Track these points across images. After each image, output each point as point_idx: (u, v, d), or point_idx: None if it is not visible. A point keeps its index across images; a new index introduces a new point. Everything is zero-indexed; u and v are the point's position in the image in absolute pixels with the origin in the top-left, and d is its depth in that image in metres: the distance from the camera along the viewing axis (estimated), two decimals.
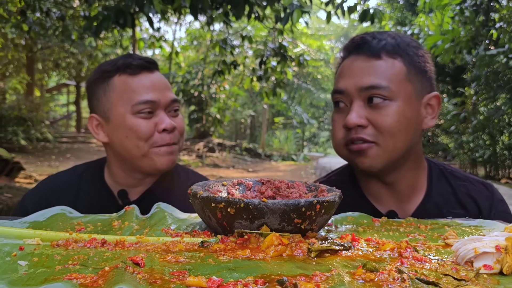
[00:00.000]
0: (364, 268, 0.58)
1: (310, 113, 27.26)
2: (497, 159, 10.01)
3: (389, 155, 1.10)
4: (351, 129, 1.10)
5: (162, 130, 1.23)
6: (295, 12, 3.98)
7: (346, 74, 1.14)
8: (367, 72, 1.10)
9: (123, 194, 1.30)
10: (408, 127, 1.10)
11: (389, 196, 1.20)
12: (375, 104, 1.09)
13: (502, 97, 9.24)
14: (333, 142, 1.19)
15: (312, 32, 24.93)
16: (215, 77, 6.22)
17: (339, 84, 1.15)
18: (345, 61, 1.17)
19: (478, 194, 1.22)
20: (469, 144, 10.53)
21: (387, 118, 1.08)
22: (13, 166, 6.96)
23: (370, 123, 1.09)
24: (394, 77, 1.09)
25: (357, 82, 1.10)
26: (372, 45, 1.12)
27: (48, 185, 1.36)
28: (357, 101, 1.10)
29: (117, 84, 1.24)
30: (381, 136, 1.08)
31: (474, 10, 8.12)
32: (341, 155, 1.17)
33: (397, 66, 1.10)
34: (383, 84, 1.08)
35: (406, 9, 16.12)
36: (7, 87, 16.65)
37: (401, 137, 1.09)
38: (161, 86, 1.26)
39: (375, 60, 1.10)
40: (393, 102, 1.08)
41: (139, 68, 1.24)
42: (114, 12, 3.52)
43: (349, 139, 1.11)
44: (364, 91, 1.09)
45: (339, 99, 1.15)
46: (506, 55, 7.75)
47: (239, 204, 0.71)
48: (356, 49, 1.14)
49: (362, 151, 1.09)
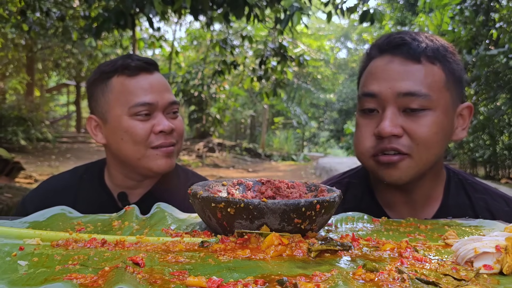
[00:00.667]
0: (364, 268, 0.58)
1: (310, 113, 27.26)
2: (497, 159, 10.01)
3: (421, 168, 1.03)
4: (384, 138, 1.01)
5: (159, 132, 1.21)
6: (295, 15, 3.98)
7: (381, 77, 1.03)
8: (405, 76, 1.01)
9: (123, 196, 1.30)
10: (444, 139, 1.04)
11: (403, 204, 1.15)
12: (412, 113, 1.00)
13: (502, 97, 9.24)
14: (358, 150, 1.09)
15: (312, 31, 24.93)
16: (215, 77, 6.22)
17: (371, 87, 1.04)
18: (376, 60, 1.07)
19: (498, 209, 1.14)
20: (469, 144, 10.53)
21: (425, 128, 1.00)
22: (13, 166, 6.96)
23: (406, 133, 1.00)
24: (434, 85, 1.01)
25: (393, 86, 1.00)
26: (413, 47, 1.02)
27: (48, 187, 1.36)
28: (392, 107, 1.01)
29: (115, 85, 1.23)
30: (416, 147, 1.00)
31: (474, 10, 8.12)
32: (366, 165, 1.09)
33: (436, 72, 1.02)
34: (423, 92, 0.99)
35: (406, 9, 16.12)
36: (7, 87, 16.65)
37: (435, 150, 1.03)
38: (160, 88, 1.24)
39: (414, 64, 1.01)
40: (431, 112, 1.01)
41: (137, 70, 1.23)
42: (114, 14, 3.52)
43: (379, 149, 1.02)
44: (401, 97, 1.00)
45: (370, 104, 1.04)
46: (506, 55, 7.75)
47: (239, 204, 0.71)
48: (392, 49, 1.04)
49: (392, 163, 1.01)
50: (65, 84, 23.20)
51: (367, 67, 1.10)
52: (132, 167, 1.26)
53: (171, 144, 1.24)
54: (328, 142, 30.78)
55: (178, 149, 1.29)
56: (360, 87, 1.10)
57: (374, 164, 1.05)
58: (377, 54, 1.08)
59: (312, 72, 24.71)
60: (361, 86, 1.10)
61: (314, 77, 25.37)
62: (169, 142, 1.24)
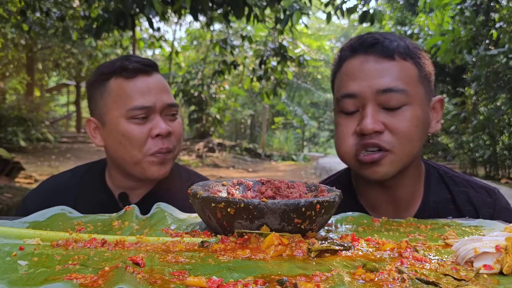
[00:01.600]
0: (364, 268, 0.58)
1: (310, 113, 27.26)
2: (497, 159, 10.01)
3: (404, 162, 1.05)
4: (365, 135, 1.03)
5: (156, 135, 1.20)
6: (295, 14, 3.98)
7: (358, 76, 1.05)
8: (382, 73, 1.03)
9: (123, 197, 1.29)
10: (422, 132, 1.06)
11: (387, 203, 1.16)
12: (392, 108, 1.02)
13: (502, 97, 9.24)
14: (340, 150, 1.10)
15: (312, 31, 24.94)
16: (215, 77, 6.22)
17: (350, 87, 1.05)
18: (349, 61, 1.08)
19: (480, 201, 1.16)
20: (469, 144, 10.53)
21: (405, 123, 1.02)
22: (13, 166, 6.96)
23: (387, 129, 1.02)
24: (409, 79, 1.04)
25: (372, 84, 1.02)
26: (385, 45, 1.05)
27: (49, 186, 1.35)
28: (372, 105, 1.02)
29: (113, 87, 1.22)
30: (397, 142, 1.02)
31: (474, 10, 8.12)
32: (349, 164, 1.10)
33: (410, 68, 1.05)
34: (400, 87, 1.02)
35: (406, 9, 16.12)
36: (7, 87, 16.65)
37: (416, 143, 1.05)
38: (158, 90, 1.23)
39: (388, 61, 1.04)
40: (409, 106, 1.03)
41: (135, 72, 1.21)
42: (114, 15, 3.52)
43: (362, 145, 1.03)
44: (381, 94, 1.02)
45: (351, 106, 1.06)
46: (506, 55, 7.75)
47: (239, 204, 0.71)
48: (365, 49, 1.06)
49: (375, 161, 1.03)
50: (65, 84, 23.21)
51: (341, 69, 1.11)
52: (127, 171, 1.25)
53: (168, 150, 1.22)
54: (328, 142, 30.77)
55: (175, 154, 1.27)
56: (337, 89, 1.11)
57: (357, 164, 1.06)
58: (350, 55, 1.09)
59: (312, 72, 24.72)
60: (338, 88, 1.11)
61: (314, 77, 25.38)
62: (166, 147, 1.22)
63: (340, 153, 1.10)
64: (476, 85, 9.54)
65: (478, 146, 10.29)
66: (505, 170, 10.40)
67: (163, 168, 1.23)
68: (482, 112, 9.98)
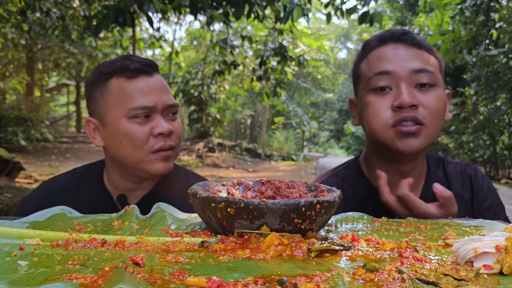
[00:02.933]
0: (364, 268, 0.58)
1: (310, 113, 27.26)
2: (497, 159, 10.01)
3: (433, 137, 1.15)
4: (402, 109, 1.11)
5: (157, 134, 1.20)
6: (295, 10, 3.98)
7: (391, 59, 1.15)
8: (414, 57, 1.14)
9: (122, 198, 1.29)
10: (444, 114, 1.17)
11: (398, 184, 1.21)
12: (422, 88, 1.13)
13: (502, 97, 9.24)
14: (374, 123, 1.16)
15: (312, 31, 24.92)
16: (215, 77, 6.22)
17: (385, 66, 1.15)
18: (379, 49, 1.18)
19: (463, 171, 1.31)
20: (469, 144, 10.53)
21: (435, 101, 1.13)
22: (13, 166, 6.96)
23: (420, 104, 1.12)
24: (434, 66, 1.16)
25: (406, 64, 1.13)
26: (414, 36, 1.17)
27: (47, 189, 1.35)
28: (405, 83, 1.12)
29: (114, 87, 1.22)
30: (430, 117, 1.12)
31: (474, 10, 8.12)
32: (383, 136, 1.15)
33: (433, 59, 1.17)
34: (431, 70, 1.13)
35: (406, 9, 16.12)
36: (7, 87, 16.65)
37: (441, 122, 1.16)
38: (159, 90, 1.23)
39: (417, 49, 1.15)
40: (437, 87, 1.14)
41: (136, 72, 1.21)
42: (113, 11, 3.52)
43: (400, 119, 1.11)
44: (414, 73, 1.12)
45: (384, 82, 1.14)
46: (506, 55, 7.75)
47: (239, 204, 0.71)
48: (396, 39, 1.17)
49: (412, 133, 1.11)
50: (65, 84, 23.21)
51: (368, 56, 1.20)
52: (130, 170, 1.25)
53: (170, 147, 1.23)
54: (328, 142, 30.78)
55: (177, 152, 1.28)
56: (366, 71, 1.19)
57: (393, 134, 1.13)
58: (379, 44, 1.19)
59: (312, 72, 24.72)
60: (368, 70, 1.19)
61: (314, 77, 25.38)
62: (168, 145, 1.22)
63: (374, 127, 1.16)
64: (476, 85, 9.54)
65: (478, 146, 10.29)
66: (505, 170, 10.40)
67: (166, 164, 1.23)
68: (482, 112, 9.98)
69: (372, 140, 1.23)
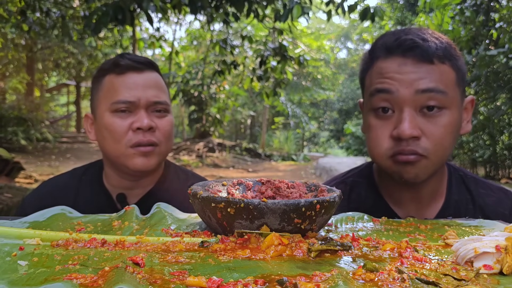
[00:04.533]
0: (364, 268, 0.58)
1: (310, 113, 27.25)
2: (497, 159, 10.01)
3: (436, 167, 1.05)
4: (402, 140, 1.00)
5: (136, 128, 1.20)
6: (295, 8, 3.97)
7: (394, 77, 1.01)
8: (421, 76, 0.99)
9: (121, 197, 1.29)
10: (455, 137, 1.05)
11: (410, 200, 1.16)
12: (429, 113, 1.00)
13: (502, 97, 9.23)
14: (374, 152, 1.08)
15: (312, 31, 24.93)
16: (215, 77, 6.22)
17: (387, 84, 1.01)
18: (385, 61, 1.05)
19: (497, 202, 1.17)
20: (469, 144, 10.53)
21: (442, 129, 1.00)
22: (13, 166, 6.96)
23: (423, 134, 1.00)
24: (448, 83, 1.01)
25: (411, 85, 0.99)
26: (425, 48, 1.01)
27: (47, 189, 1.35)
28: (409, 108, 1.00)
29: (105, 83, 1.25)
30: (432, 149, 1.01)
31: (474, 10, 8.12)
32: (382, 165, 1.08)
33: (448, 71, 1.02)
34: (441, 88, 0.99)
35: (406, 9, 16.12)
36: (7, 87, 16.65)
37: (449, 150, 1.04)
38: (146, 86, 1.23)
39: (427, 65, 1.00)
40: (447, 111, 1.01)
41: (125, 68, 1.23)
42: (112, 9, 3.52)
43: (398, 151, 1.01)
44: (419, 94, 0.99)
45: (385, 103, 1.02)
46: (506, 55, 7.74)
47: (239, 204, 0.71)
48: (403, 51, 1.02)
49: (410, 162, 1.01)
50: (65, 84, 23.19)
51: (373, 67, 1.08)
52: (114, 165, 1.26)
53: (149, 143, 1.21)
54: (328, 142, 30.77)
55: (163, 150, 1.26)
56: (370, 85, 1.08)
57: (391, 163, 1.05)
58: (385, 55, 1.05)
59: (312, 72, 24.71)
60: (370, 84, 1.08)
61: (314, 77, 25.37)
62: (147, 140, 1.21)
63: (374, 155, 1.09)
64: (476, 85, 9.53)
65: (478, 146, 10.29)
66: (505, 170, 10.40)
67: (145, 160, 1.22)
68: (482, 112, 9.97)
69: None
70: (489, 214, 1.14)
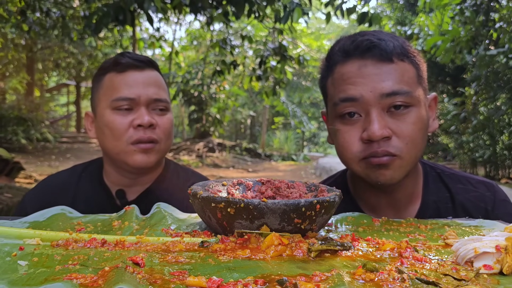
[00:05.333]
0: (364, 268, 0.58)
1: (310, 113, 27.25)
2: (497, 159, 10.01)
3: (410, 166, 1.03)
4: (372, 141, 0.99)
5: (137, 125, 1.21)
6: (295, 11, 3.97)
7: (357, 81, 0.99)
8: (383, 77, 0.98)
9: (121, 194, 1.30)
10: (425, 134, 1.04)
11: (386, 205, 1.15)
12: (396, 112, 0.99)
13: (502, 97, 9.24)
14: (345, 156, 1.05)
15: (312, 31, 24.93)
16: (215, 77, 6.21)
17: (350, 92, 1.00)
18: (344, 66, 1.03)
19: (479, 196, 1.15)
20: (469, 144, 10.53)
21: (411, 126, 0.99)
22: (13, 166, 6.96)
23: (393, 134, 0.99)
24: (410, 81, 1.00)
25: (374, 89, 0.97)
26: (383, 47, 0.99)
27: (47, 186, 1.36)
28: (376, 110, 0.98)
29: (105, 81, 1.26)
30: (405, 147, 0.99)
31: (474, 10, 8.12)
32: (354, 169, 1.05)
33: (409, 68, 1.01)
34: (405, 89, 0.98)
35: (406, 9, 16.12)
36: (7, 87, 16.65)
37: (421, 146, 1.02)
38: (146, 84, 1.24)
39: (387, 64, 0.99)
40: (414, 108, 1.00)
41: (126, 67, 1.24)
42: (113, 9, 3.53)
43: (370, 153, 0.99)
44: (385, 98, 0.97)
45: (351, 108, 1.01)
46: (506, 55, 7.75)
47: (239, 204, 0.71)
48: (361, 53, 1.01)
49: (383, 164, 0.99)
50: (65, 84, 23.20)
51: (333, 73, 1.06)
52: (114, 161, 1.27)
53: (149, 140, 1.22)
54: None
55: (162, 147, 1.27)
56: (332, 94, 1.06)
57: (364, 166, 1.02)
58: (343, 59, 1.04)
59: (312, 72, 24.71)
60: (333, 93, 1.06)
61: (314, 77, 25.37)
62: (148, 137, 1.21)
63: (345, 160, 1.07)
64: (476, 85, 9.54)
65: (478, 146, 10.30)
66: (505, 170, 10.40)
67: (145, 157, 1.23)
68: (482, 112, 9.98)
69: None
70: (470, 210, 1.13)
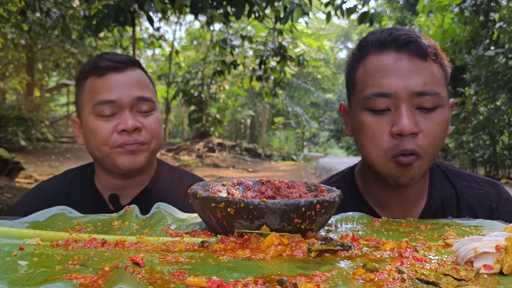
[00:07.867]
0: (364, 268, 0.58)
1: (310, 113, 27.26)
2: (497, 159, 10.01)
3: (428, 166, 1.04)
4: (402, 137, 0.98)
5: (121, 130, 1.19)
6: (296, 11, 3.97)
7: (392, 74, 0.99)
8: (417, 74, 0.99)
9: (114, 198, 1.28)
10: (445, 135, 1.05)
11: (395, 203, 1.15)
12: (424, 110, 1.00)
13: (502, 97, 9.24)
14: (371, 150, 1.03)
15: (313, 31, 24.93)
16: (215, 77, 6.21)
17: (384, 86, 1.00)
18: (378, 57, 1.03)
19: (484, 194, 1.16)
20: (469, 144, 10.53)
21: (437, 126, 1.00)
22: (13, 166, 6.96)
23: (421, 131, 0.99)
24: (440, 82, 1.01)
25: (408, 85, 0.98)
26: (420, 44, 1.00)
27: (38, 192, 1.35)
28: (406, 105, 0.98)
29: (87, 86, 1.23)
30: (428, 147, 1.00)
31: (474, 10, 8.13)
32: (381, 167, 1.03)
33: (439, 70, 1.03)
34: (435, 90, 0.99)
35: (406, 9, 16.13)
36: (7, 87, 16.65)
37: (440, 147, 1.03)
38: (127, 85, 1.21)
39: (422, 61, 1.00)
40: (440, 109, 1.01)
41: (106, 70, 1.21)
42: (114, 10, 3.53)
43: (400, 151, 0.98)
44: (416, 96, 0.98)
45: (382, 104, 1.00)
46: (506, 55, 7.75)
47: (239, 204, 0.71)
48: (398, 46, 1.01)
49: (409, 164, 0.99)
50: (65, 84, 23.18)
51: (365, 63, 1.05)
52: (103, 165, 1.25)
53: (136, 142, 1.20)
54: (328, 142, 30.80)
55: (151, 148, 1.24)
56: (363, 85, 1.05)
57: (392, 165, 1.01)
58: (378, 50, 1.03)
59: (312, 72, 24.72)
60: (364, 84, 1.04)
61: (314, 77, 25.38)
62: (133, 140, 1.19)
63: (372, 156, 1.04)
64: (476, 85, 9.54)
65: (478, 146, 10.29)
66: (505, 170, 10.40)
67: (133, 158, 1.20)
68: (482, 112, 9.98)
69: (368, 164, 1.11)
70: (475, 208, 1.14)
